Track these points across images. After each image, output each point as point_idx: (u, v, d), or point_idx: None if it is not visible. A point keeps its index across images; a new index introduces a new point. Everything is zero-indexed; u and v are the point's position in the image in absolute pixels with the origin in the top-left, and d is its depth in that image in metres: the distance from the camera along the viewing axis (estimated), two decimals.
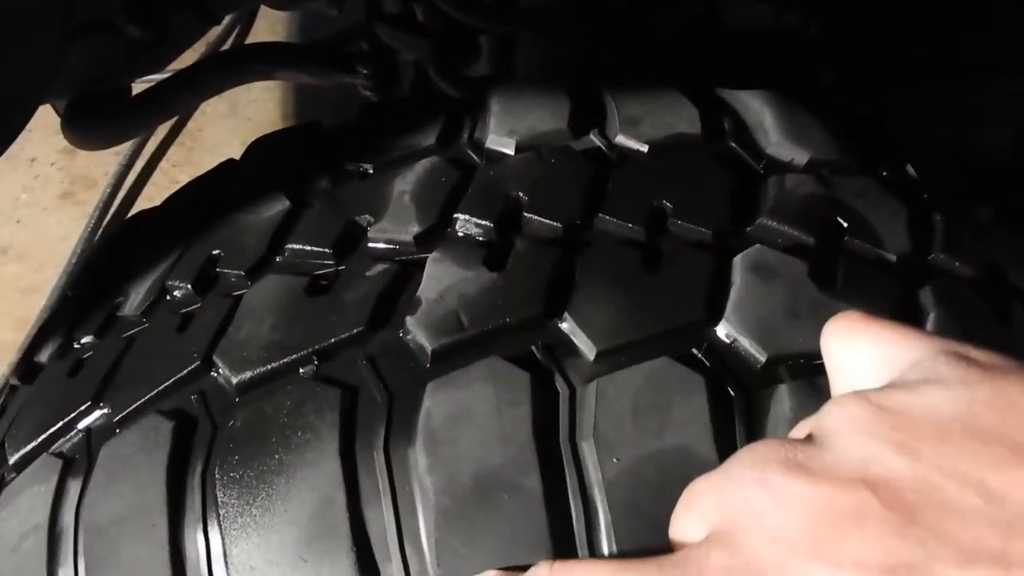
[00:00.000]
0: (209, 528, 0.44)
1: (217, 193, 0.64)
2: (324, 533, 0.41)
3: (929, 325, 0.47)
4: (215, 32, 2.03)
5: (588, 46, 0.98)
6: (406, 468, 0.42)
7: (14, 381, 0.62)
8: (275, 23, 2.24)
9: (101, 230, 1.68)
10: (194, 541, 0.43)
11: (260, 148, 0.68)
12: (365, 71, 1.03)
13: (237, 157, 0.69)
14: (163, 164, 1.93)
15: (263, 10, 2.11)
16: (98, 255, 0.67)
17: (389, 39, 1.01)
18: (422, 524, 0.41)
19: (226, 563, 0.42)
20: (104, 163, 1.90)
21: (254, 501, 0.43)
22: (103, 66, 0.80)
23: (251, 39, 2.08)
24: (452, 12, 0.88)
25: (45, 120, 0.85)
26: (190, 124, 2.02)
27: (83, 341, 0.59)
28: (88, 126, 0.84)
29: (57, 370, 0.57)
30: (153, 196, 1.79)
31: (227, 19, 2.08)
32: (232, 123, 2.05)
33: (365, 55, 1.03)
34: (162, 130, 1.95)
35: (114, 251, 0.67)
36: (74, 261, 1.57)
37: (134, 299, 0.58)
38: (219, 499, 0.44)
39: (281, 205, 0.57)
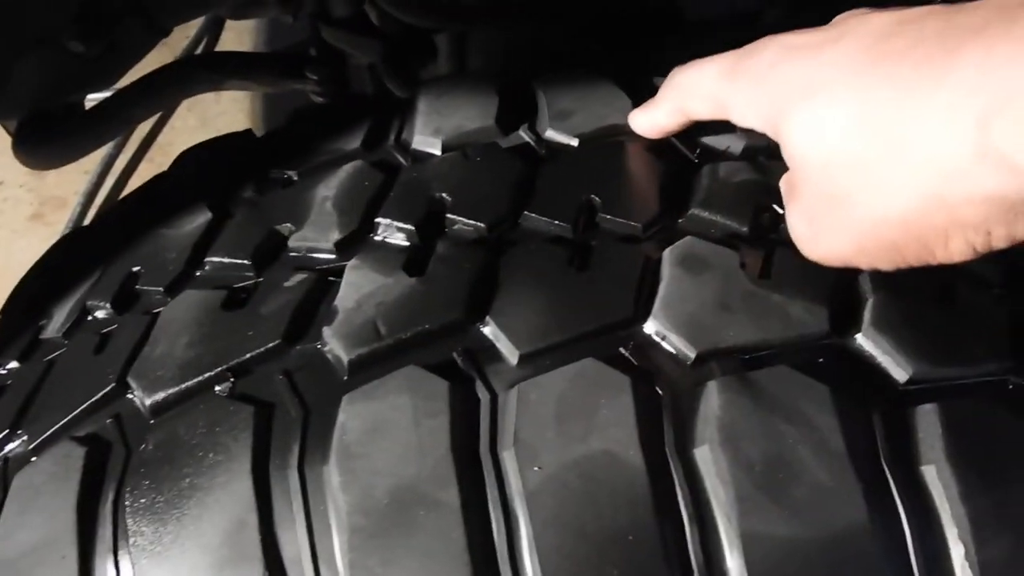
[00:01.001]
0: (120, 558, 0.42)
1: (146, 208, 0.62)
2: (235, 558, 0.39)
3: (867, 310, 0.45)
4: (180, 44, 2.02)
5: (541, 40, 0.96)
6: (320, 486, 0.40)
7: None
8: (242, 33, 2.22)
9: None
10: (104, 573, 0.42)
11: (189, 160, 0.66)
12: (315, 77, 1.02)
13: None
14: (133, 180, 1.91)
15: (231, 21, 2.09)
16: (29, 276, 0.65)
17: (337, 43, 0.99)
18: (336, 545, 0.39)
19: None
20: (74, 182, 1.88)
21: (165, 528, 0.41)
22: (51, 83, 0.78)
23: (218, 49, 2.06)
24: (393, 12, 0.86)
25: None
26: (160, 138, 2.00)
27: (8, 367, 0.57)
28: (39, 145, 0.82)
29: None
30: None
31: (195, 30, 2.06)
32: (202, 136, 2.02)
33: (314, 61, 1.02)
34: (131, 146, 1.94)
35: (45, 272, 0.65)
36: None
37: (57, 320, 0.56)
38: (130, 527, 0.42)
39: (203, 217, 0.56)
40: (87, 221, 1.75)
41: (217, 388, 0.45)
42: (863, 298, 0.46)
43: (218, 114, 2.08)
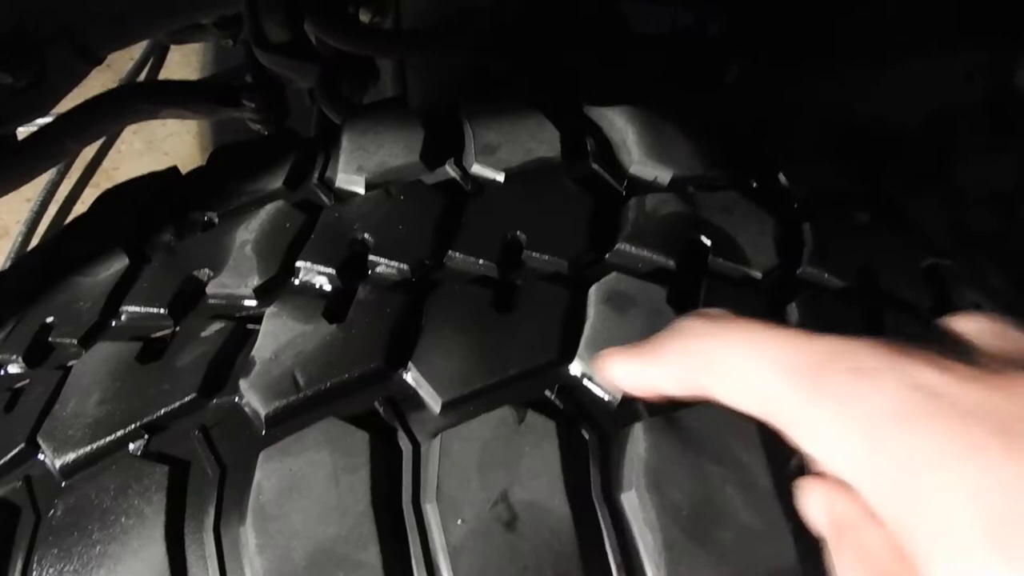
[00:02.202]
0: None
1: (62, 253, 0.60)
2: None
3: None
4: (125, 67, 1.98)
5: (480, 64, 0.95)
6: (237, 549, 0.39)
7: None
8: (189, 54, 2.19)
9: None
10: None
11: (109, 201, 0.64)
12: (251, 104, 1.00)
13: None
14: (78, 207, 1.87)
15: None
16: None
17: (274, 68, 0.97)
18: None
19: None
20: (16, 211, 1.83)
21: None
22: None
23: (164, 72, 2.03)
24: (327, 39, 0.85)
25: None
26: (105, 163, 1.95)
27: None
28: None
29: None
30: None
31: (139, 53, 2.02)
32: (149, 159, 1.99)
33: (251, 87, 1.00)
34: (75, 171, 1.89)
35: None
36: None
37: None
38: None
39: (120, 263, 0.54)
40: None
41: (131, 446, 0.44)
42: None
43: (165, 136, 2.04)
